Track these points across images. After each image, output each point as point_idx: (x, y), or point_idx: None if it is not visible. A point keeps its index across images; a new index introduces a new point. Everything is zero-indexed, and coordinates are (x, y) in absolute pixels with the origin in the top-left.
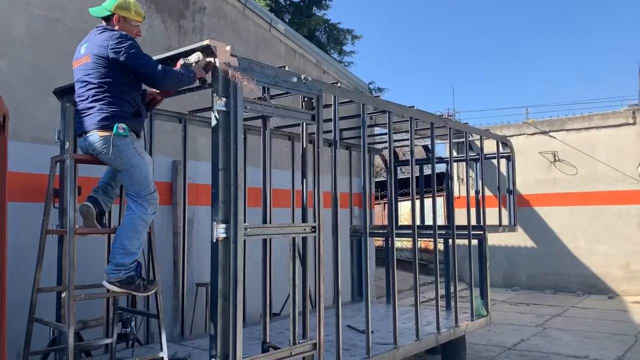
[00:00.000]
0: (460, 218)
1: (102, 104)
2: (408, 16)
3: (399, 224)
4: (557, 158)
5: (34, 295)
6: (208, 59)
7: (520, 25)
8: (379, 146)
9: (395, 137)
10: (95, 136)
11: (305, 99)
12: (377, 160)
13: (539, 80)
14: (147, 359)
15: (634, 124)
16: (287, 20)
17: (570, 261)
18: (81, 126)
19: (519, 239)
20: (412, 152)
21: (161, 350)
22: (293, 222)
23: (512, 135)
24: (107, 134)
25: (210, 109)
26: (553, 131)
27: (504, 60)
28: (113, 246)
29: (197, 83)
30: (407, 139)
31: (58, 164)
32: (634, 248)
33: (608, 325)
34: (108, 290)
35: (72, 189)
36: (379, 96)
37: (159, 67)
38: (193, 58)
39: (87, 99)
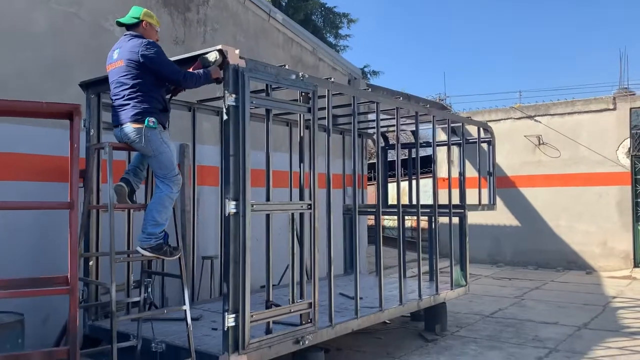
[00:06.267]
0: (445, 198)
1: (135, 102)
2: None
3: (390, 203)
4: (541, 141)
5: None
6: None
7: (514, 15)
8: (371, 131)
9: (387, 122)
10: (129, 128)
11: (303, 93)
12: (371, 143)
13: (533, 69)
14: (174, 310)
15: (614, 109)
16: (284, 3)
17: (552, 239)
18: (117, 119)
19: (505, 218)
20: (397, 138)
21: (184, 304)
22: (291, 200)
23: (499, 120)
24: (139, 126)
25: (217, 99)
26: (538, 116)
27: (497, 50)
28: (145, 219)
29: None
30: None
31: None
32: (612, 227)
33: (581, 297)
34: (142, 255)
35: (111, 171)
36: (368, 88)
37: (181, 71)
38: (212, 57)
39: (122, 97)
